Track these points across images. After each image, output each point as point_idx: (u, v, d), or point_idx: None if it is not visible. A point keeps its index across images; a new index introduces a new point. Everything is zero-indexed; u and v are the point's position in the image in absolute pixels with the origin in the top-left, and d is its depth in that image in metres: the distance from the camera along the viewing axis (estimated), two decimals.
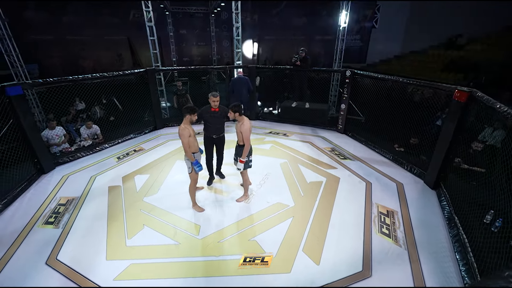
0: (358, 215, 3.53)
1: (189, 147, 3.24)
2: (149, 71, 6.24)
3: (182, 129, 3.20)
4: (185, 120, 3.27)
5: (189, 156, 3.27)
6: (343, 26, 7.45)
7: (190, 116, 3.27)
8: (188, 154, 3.26)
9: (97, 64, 13.23)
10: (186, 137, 3.19)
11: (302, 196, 3.94)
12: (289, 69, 7.05)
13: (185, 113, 3.26)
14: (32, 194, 4.04)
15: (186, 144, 3.21)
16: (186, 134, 3.19)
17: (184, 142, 3.20)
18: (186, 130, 3.20)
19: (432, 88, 4.20)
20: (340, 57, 7.73)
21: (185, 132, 3.18)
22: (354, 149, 5.58)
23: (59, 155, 5.12)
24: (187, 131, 3.20)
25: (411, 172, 4.57)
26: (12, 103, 4.05)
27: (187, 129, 3.22)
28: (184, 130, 3.19)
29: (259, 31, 14.84)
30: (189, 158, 3.28)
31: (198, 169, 3.35)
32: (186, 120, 3.27)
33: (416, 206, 3.72)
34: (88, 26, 12.61)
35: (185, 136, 3.18)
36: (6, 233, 3.26)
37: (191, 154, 3.27)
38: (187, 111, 3.26)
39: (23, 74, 6.70)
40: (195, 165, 3.32)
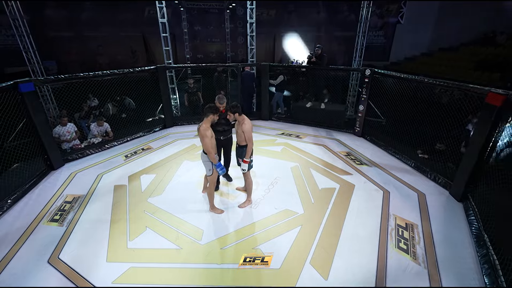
0: (373, 227, 3.25)
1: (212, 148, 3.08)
2: (160, 68, 6.17)
3: (205, 129, 3.03)
4: (206, 120, 3.10)
5: (212, 158, 3.09)
6: (364, 21, 7.05)
7: (213, 116, 3.12)
8: (211, 155, 3.08)
9: (113, 60, 13.45)
10: (209, 138, 3.03)
11: (312, 203, 3.70)
12: (305, 67, 6.75)
13: (208, 113, 3.09)
14: (40, 190, 4.07)
15: (209, 145, 3.04)
16: (209, 135, 3.04)
17: (208, 143, 3.03)
18: (209, 130, 3.05)
19: (461, 90, 3.79)
20: (361, 54, 7.33)
21: (208, 132, 3.02)
22: (372, 154, 5.23)
23: (69, 152, 5.16)
24: (209, 132, 3.05)
25: (435, 181, 4.19)
26: (24, 100, 4.09)
27: (209, 129, 3.07)
28: (207, 130, 3.03)
29: (276, 27, 14.50)
30: (212, 160, 3.11)
31: (222, 171, 3.18)
32: (208, 120, 3.11)
33: (439, 220, 3.37)
34: (105, 23, 12.85)
35: (208, 136, 3.02)
36: (12, 229, 3.27)
37: (213, 155, 3.10)
38: (211, 110, 3.09)
39: (39, 71, 6.84)
40: (218, 167, 3.14)
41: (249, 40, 7.42)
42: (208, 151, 3.07)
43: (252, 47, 7.53)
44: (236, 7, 13.69)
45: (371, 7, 6.80)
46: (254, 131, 6.26)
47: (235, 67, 6.82)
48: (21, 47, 6.51)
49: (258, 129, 6.62)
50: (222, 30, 14.20)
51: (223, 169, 3.20)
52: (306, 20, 14.22)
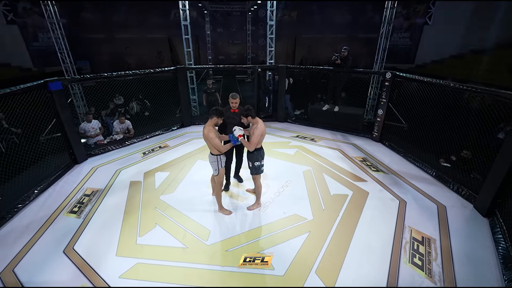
0: (385, 238, 3.08)
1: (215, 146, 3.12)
2: (179, 69, 6.34)
3: (208, 131, 3.06)
4: (210, 122, 3.14)
5: (226, 147, 3.19)
6: (388, 22, 6.75)
7: (217, 119, 3.15)
8: (223, 147, 3.16)
9: (139, 60, 14.12)
10: (215, 137, 3.08)
11: (323, 209, 3.59)
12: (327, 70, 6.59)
13: (213, 115, 3.12)
14: (64, 183, 4.34)
15: (218, 142, 3.11)
16: (213, 135, 3.08)
17: (217, 143, 3.09)
18: (212, 132, 3.09)
19: (492, 95, 3.49)
20: (383, 57, 7.03)
21: (211, 134, 3.07)
22: (390, 160, 4.98)
23: (93, 147, 5.46)
24: (213, 133, 3.09)
25: (458, 193, 3.89)
26: (53, 97, 4.39)
27: (212, 130, 3.11)
28: (210, 132, 3.07)
29: (297, 29, 14.34)
30: (227, 147, 3.21)
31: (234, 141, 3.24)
32: (212, 122, 3.14)
33: (460, 236, 3.12)
34: (133, 25, 13.55)
35: (212, 137, 3.06)
36: (37, 217, 3.51)
37: (225, 146, 3.20)
38: (216, 113, 3.12)
39: (71, 70, 7.33)
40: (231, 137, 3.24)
41: (268, 41, 7.42)
42: (218, 146, 3.11)
43: (271, 49, 7.52)
44: (258, 9, 13.75)
45: (395, 8, 6.49)
46: (268, 132, 6.35)
47: (252, 69, 6.84)
48: (56, 48, 7.02)
49: (273, 131, 6.58)
50: (244, 32, 14.36)
51: (235, 140, 3.24)
52: (328, 21, 13.92)
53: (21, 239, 3.12)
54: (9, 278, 2.62)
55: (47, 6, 6.68)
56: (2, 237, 3.18)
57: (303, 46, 14.48)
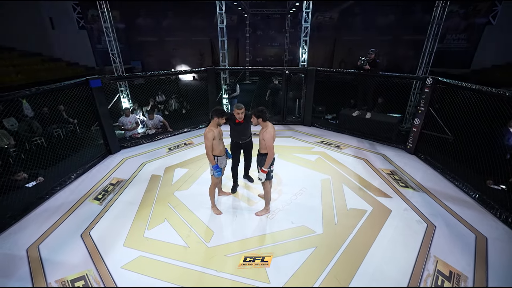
0: (403, 267, 2.69)
1: (212, 150, 3.14)
2: (209, 70, 6.52)
3: (208, 131, 3.13)
4: (212, 122, 3.19)
5: (210, 159, 3.18)
6: (437, 23, 6.03)
7: (218, 119, 3.16)
8: (209, 156, 3.17)
9: (184, 61, 15.28)
10: (210, 140, 3.11)
11: (335, 224, 3.31)
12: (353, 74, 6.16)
13: (213, 115, 3.16)
14: (96, 171, 4.76)
15: (208, 147, 3.14)
16: (210, 137, 3.10)
17: (207, 145, 3.13)
18: (211, 132, 3.11)
19: None
20: (428, 61, 6.31)
21: (209, 134, 3.10)
22: (423, 176, 4.40)
23: (128, 140, 5.92)
24: (211, 134, 3.11)
25: (505, 222, 3.25)
26: (93, 94, 4.86)
27: (212, 131, 3.12)
28: (209, 132, 3.11)
29: (337, 31, 13.72)
30: (210, 161, 3.19)
31: (217, 174, 3.23)
32: (214, 122, 3.18)
33: (502, 275, 2.59)
34: (180, 28, 14.66)
35: (208, 138, 3.10)
36: (67, 201, 3.90)
37: (212, 157, 3.18)
38: (216, 113, 3.15)
39: (120, 70, 8.07)
40: (215, 169, 3.20)
41: (302, 43, 7.23)
42: (206, 152, 3.15)
43: (303, 51, 7.31)
44: (297, 12, 13.54)
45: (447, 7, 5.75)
46: (291, 136, 6.13)
47: (280, 71, 6.72)
48: (109, 50, 7.80)
49: (297, 134, 6.36)
50: (282, 34, 14.30)
51: (219, 172, 3.24)
52: (370, 23, 12.99)
53: (51, 218, 3.49)
54: (34, 253, 2.92)
55: (104, 13, 7.46)
56: (38, 215, 3.59)
57: (343, 48, 13.78)
